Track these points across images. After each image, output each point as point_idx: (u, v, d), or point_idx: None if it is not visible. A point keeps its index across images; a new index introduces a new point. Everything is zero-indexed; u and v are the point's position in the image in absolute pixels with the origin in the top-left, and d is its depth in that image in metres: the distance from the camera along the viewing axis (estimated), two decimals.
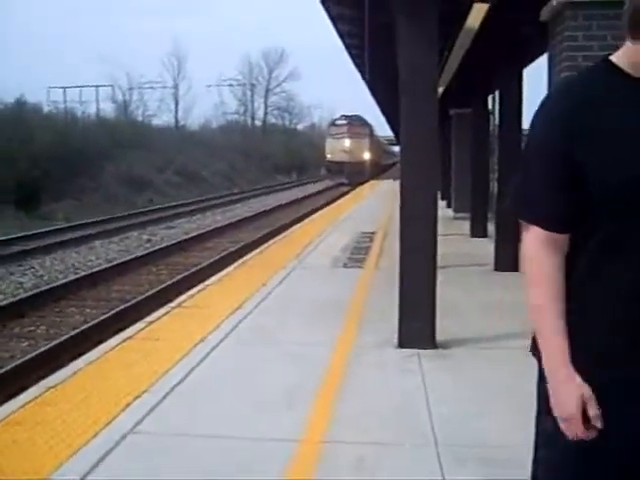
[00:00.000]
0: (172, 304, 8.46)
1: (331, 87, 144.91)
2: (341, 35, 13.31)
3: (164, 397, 5.15)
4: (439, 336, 6.45)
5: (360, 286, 9.42)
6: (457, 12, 8.15)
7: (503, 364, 5.97)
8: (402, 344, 6.35)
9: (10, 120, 35.43)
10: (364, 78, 19.79)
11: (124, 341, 6.77)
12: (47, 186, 30.73)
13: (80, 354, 8.16)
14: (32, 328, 9.94)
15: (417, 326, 6.35)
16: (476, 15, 8.10)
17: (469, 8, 7.89)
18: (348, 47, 14.65)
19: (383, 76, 16.54)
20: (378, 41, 12.32)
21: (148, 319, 7.72)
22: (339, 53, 17.44)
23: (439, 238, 6.57)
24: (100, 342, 8.33)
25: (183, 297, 8.88)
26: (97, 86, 62.07)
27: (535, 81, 12.35)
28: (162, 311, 8.08)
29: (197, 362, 5.98)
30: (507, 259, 10.51)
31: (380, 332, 6.79)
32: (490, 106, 16.00)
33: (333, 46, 16.75)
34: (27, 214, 27.27)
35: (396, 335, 6.42)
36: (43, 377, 6.24)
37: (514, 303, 8.33)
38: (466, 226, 15.12)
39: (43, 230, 21.19)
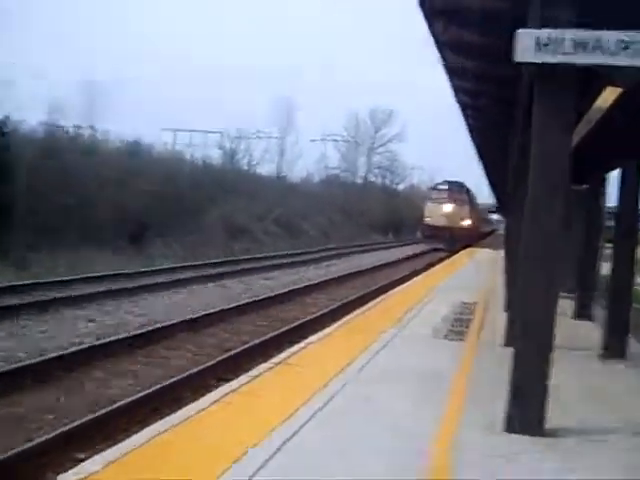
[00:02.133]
0: (275, 359, 8.53)
1: (433, 150, 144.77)
2: (460, 104, 13.35)
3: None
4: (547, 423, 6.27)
5: (463, 360, 9.25)
6: (587, 93, 8.06)
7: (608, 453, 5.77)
8: (509, 429, 6.19)
9: (126, 159, 37.02)
10: (475, 146, 19.73)
11: (226, 395, 6.84)
12: (152, 225, 31.70)
13: (179, 399, 8.42)
14: (137, 367, 10.21)
15: (527, 412, 6.18)
16: (607, 97, 7.98)
17: (601, 90, 7.79)
18: (466, 117, 14.67)
19: (495, 146, 16.50)
20: (499, 114, 12.31)
21: (252, 373, 7.80)
22: (447, 118, 17.46)
23: None
24: (199, 390, 8.58)
25: (285, 354, 8.93)
26: (207, 131, 63.88)
27: None
28: (265, 366, 8.14)
29: (305, 420, 6.00)
30: (615, 345, 10.16)
31: (485, 413, 6.64)
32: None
33: (442, 111, 16.79)
34: (136, 252, 28.10)
35: (502, 418, 6.27)
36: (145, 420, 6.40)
37: (617, 392, 8.14)
38: (570, 306, 14.70)
39: (145, 269, 21.85)
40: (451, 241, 46.14)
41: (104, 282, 18.22)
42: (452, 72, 9.96)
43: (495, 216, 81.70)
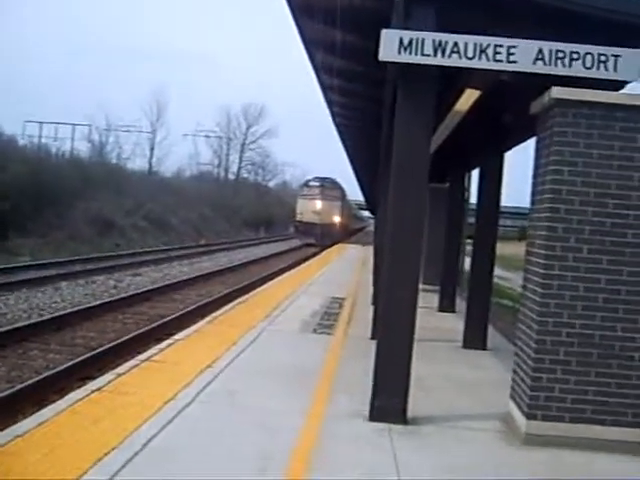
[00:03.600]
0: (142, 356, 8.40)
1: (305, 147, 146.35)
2: (329, 102, 13.56)
3: (134, 455, 5.10)
4: (409, 412, 6.49)
5: (330, 354, 9.41)
6: (449, 95, 8.39)
7: (467, 444, 6.04)
8: (373, 418, 6.37)
9: None
10: (345, 144, 20.09)
11: (92, 392, 6.69)
12: (15, 220, 30.41)
13: (43, 400, 8.14)
14: None
15: (390, 401, 6.38)
16: (466, 99, 8.35)
17: (460, 92, 8.13)
18: (334, 115, 14.92)
19: (366, 144, 16.84)
20: (367, 112, 12.58)
21: (118, 370, 7.65)
22: (317, 115, 17.68)
23: None
24: (62, 391, 8.33)
25: (153, 350, 8.81)
26: (74, 124, 62.11)
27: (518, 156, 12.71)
28: (132, 363, 8.01)
29: (166, 422, 5.93)
30: (476, 336, 10.61)
31: (351, 402, 6.81)
32: (466, 183, 16.33)
33: (312, 108, 16.97)
34: None
35: (367, 407, 6.45)
36: (7, 425, 6.17)
37: (478, 381, 8.50)
38: (434, 299, 15.23)
39: (7, 266, 20.91)
40: (322, 237, 46.79)
41: None
42: (320, 70, 10.13)
43: (366, 213, 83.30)
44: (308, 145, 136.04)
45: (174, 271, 25.35)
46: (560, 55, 5.92)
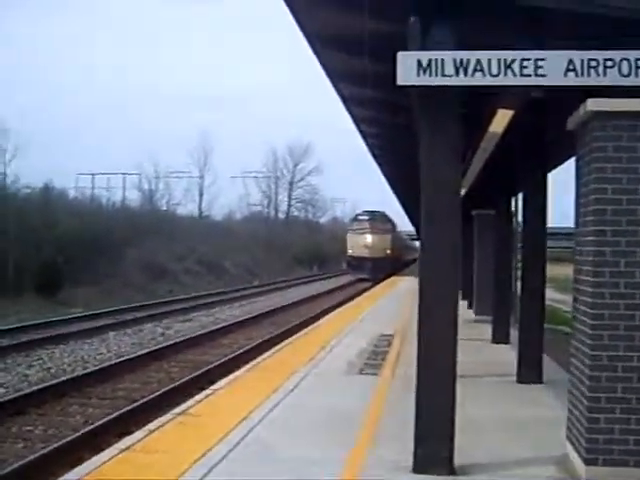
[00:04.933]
0: (176, 410, 8.05)
1: (354, 183, 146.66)
2: (363, 135, 13.24)
3: None
4: (457, 459, 5.96)
5: (375, 398, 8.93)
6: (481, 117, 7.97)
7: None
8: (417, 469, 5.87)
9: (37, 205, 35.94)
10: (386, 175, 19.72)
11: (121, 452, 6.35)
12: (69, 272, 30.72)
13: (78, 459, 7.82)
14: (30, 428, 9.52)
15: (435, 449, 5.87)
16: (500, 120, 7.91)
17: (493, 114, 7.70)
18: (371, 147, 14.59)
19: (405, 173, 16.43)
20: (400, 140, 12.22)
21: (149, 427, 7.31)
22: (361, 149, 17.39)
23: (458, 342, 6.11)
24: (98, 448, 8.00)
25: (190, 402, 8.46)
26: (124, 174, 62.97)
27: (561, 179, 12.16)
28: (165, 418, 7.66)
29: None
30: (531, 369, 10.02)
31: (394, 453, 6.31)
32: (513, 207, 15.79)
33: (358, 143, 16.69)
34: (46, 300, 27.12)
35: (411, 457, 5.95)
36: None
37: (534, 421, 7.89)
38: (487, 330, 14.63)
39: (57, 318, 20.96)
40: (374, 271, 46.22)
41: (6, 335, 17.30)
42: (348, 101, 9.81)
43: (418, 243, 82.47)
44: (356, 180, 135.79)
45: (224, 315, 25.13)
46: (593, 64, 5.44)
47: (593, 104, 5.49)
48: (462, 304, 21.73)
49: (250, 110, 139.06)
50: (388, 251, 48.97)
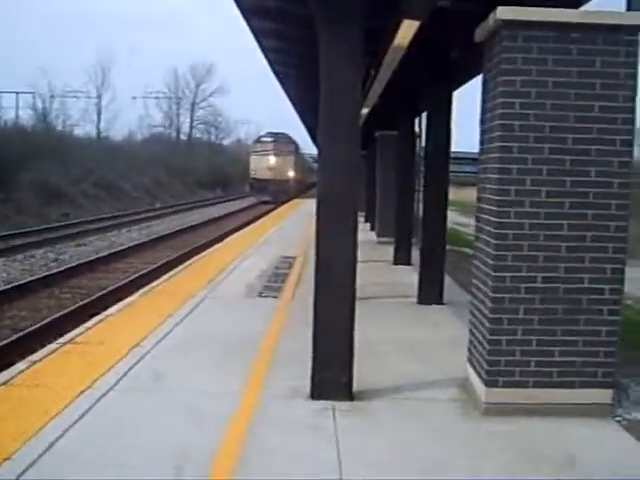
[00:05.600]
0: (63, 339, 7.56)
1: (259, 104, 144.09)
2: (265, 50, 12.63)
3: (30, 465, 4.32)
4: (356, 384, 5.76)
5: (274, 321, 8.67)
6: (385, 29, 7.56)
7: (422, 419, 5.34)
8: (315, 395, 5.64)
9: None
10: (288, 95, 19.16)
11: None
12: None
13: None
14: None
15: (332, 375, 5.64)
16: (405, 33, 7.50)
17: (398, 25, 7.29)
18: (272, 63, 13.98)
19: (308, 93, 15.92)
20: (303, 58, 11.69)
21: (32, 357, 6.83)
22: (267, 70, 16.68)
23: (359, 265, 5.82)
24: None
25: (78, 330, 7.98)
26: (17, 92, 59.72)
27: (465, 102, 11.97)
28: (50, 348, 7.18)
29: (77, 417, 5.13)
30: (431, 290, 9.95)
31: (291, 379, 6.06)
32: (417, 128, 15.60)
33: (262, 63, 15.94)
34: None
35: (308, 384, 5.71)
36: None
37: (433, 341, 7.81)
38: (390, 252, 14.57)
39: None
40: (277, 193, 45.86)
41: None
42: (249, 12, 9.20)
43: None
44: (261, 101, 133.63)
45: (122, 238, 24.31)
46: None
47: (503, 12, 5.16)
48: (365, 227, 21.71)
49: (153, 32, 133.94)
50: (291, 173, 48.58)
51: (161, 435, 4.90)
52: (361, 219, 20.13)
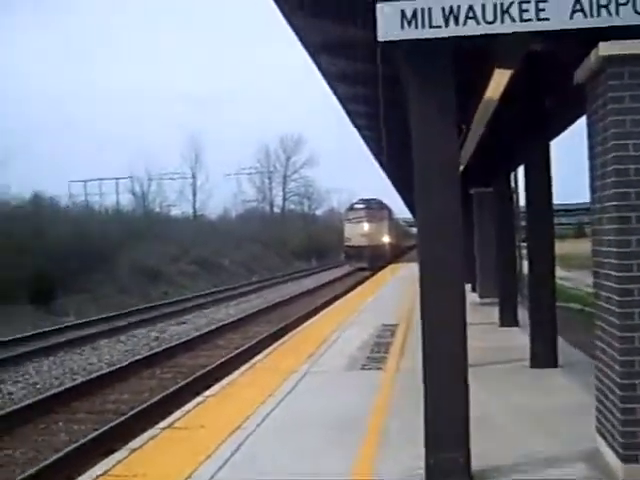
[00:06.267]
0: (162, 424, 7.33)
1: (349, 172, 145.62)
2: (351, 115, 12.50)
3: None
4: (474, 462, 5.23)
5: (380, 395, 8.21)
6: (476, 81, 7.23)
7: None
8: (430, 478, 5.15)
9: (27, 216, 35.12)
10: (378, 160, 18.98)
11: (97, 478, 5.64)
12: (63, 281, 29.95)
13: None
14: (9, 451, 8.82)
15: (447, 455, 5.15)
16: (496, 83, 7.16)
17: (489, 77, 6.95)
18: (360, 128, 13.85)
19: (399, 157, 15.70)
20: (392, 122, 11.48)
21: (131, 445, 6.61)
22: (356, 137, 16.57)
23: None
24: (78, 472, 7.28)
25: (177, 413, 7.76)
26: (117, 178, 62.27)
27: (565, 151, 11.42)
28: (149, 434, 6.95)
29: None
30: (545, 353, 9.31)
31: (403, 461, 5.59)
32: (513, 183, 15.10)
33: (350, 130, 15.81)
34: (38, 310, 26.34)
35: (422, 465, 5.23)
36: None
37: (555, 410, 7.16)
38: (494, 313, 13.92)
39: (48, 329, 20.23)
40: (373, 259, 45.50)
41: None
42: (327, 75, 9.06)
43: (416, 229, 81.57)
44: (351, 169, 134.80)
45: (220, 314, 24.40)
46: (603, 2, 4.70)
47: (606, 48, 4.75)
48: (465, 287, 21.03)
49: (238, 108, 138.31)
50: (386, 238, 48.24)
51: None
52: None
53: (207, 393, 8.79)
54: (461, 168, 13.86)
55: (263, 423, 7.08)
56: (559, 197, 15.78)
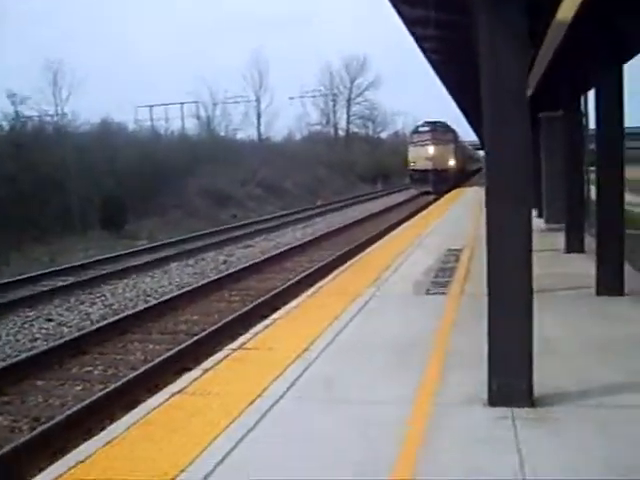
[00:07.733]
0: (233, 345, 7.63)
1: (415, 94, 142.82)
2: (418, 40, 12.30)
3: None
4: (537, 388, 5.35)
5: (445, 319, 8.35)
6: (546, 3, 7.05)
7: (617, 430, 4.84)
8: (493, 402, 5.31)
9: (97, 141, 35.84)
10: (445, 83, 18.67)
11: (172, 396, 5.96)
12: (134, 205, 30.72)
13: (134, 402, 7.53)
14: (90, 368, 9.32)
15: (510, 380, 5.28)
16: (568, 6, 6.98)
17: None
18: (427, 52, 13.62)
19: (466, 80, 15.43)
20: (458, 44, 11.29)
21: (204, 365, 6.91)
22: (421, 59, 16.27)
23: None
24: (156, 388, 7.69)
25: (247, 335, 8.04)
26: (182, 103, 62.46)
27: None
28: (221, 354, 7.25)
29: (248, 430, 5.08)
30: (611, 280, 9.26)
31: (467, 384, 5.76)
32: (582, 107, 14.74)
33: (416, 52, 15.53)
34: (112, 234, 27.17)
35: (485, 389, 5.38)
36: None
37: (622, 340, 7.18)
38: (560, 239, 13.83)
39: (120, 253, 20.91)
40: (438, 183, 45.05)
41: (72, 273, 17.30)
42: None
43: (482, 153, 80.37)
44: (417, 91, 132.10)
45: (286, 238, 24.75)
46: None
47: None
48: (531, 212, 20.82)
49: (303, 30, 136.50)
50: (451, 162, 47.58)
51: (338, 445, 4.75)
52: None
53: (275, 316, 9.04)
54: (530, 92, 13.58)
55: (331, 345, 7.31)
56: (631, 120, 15.36)
